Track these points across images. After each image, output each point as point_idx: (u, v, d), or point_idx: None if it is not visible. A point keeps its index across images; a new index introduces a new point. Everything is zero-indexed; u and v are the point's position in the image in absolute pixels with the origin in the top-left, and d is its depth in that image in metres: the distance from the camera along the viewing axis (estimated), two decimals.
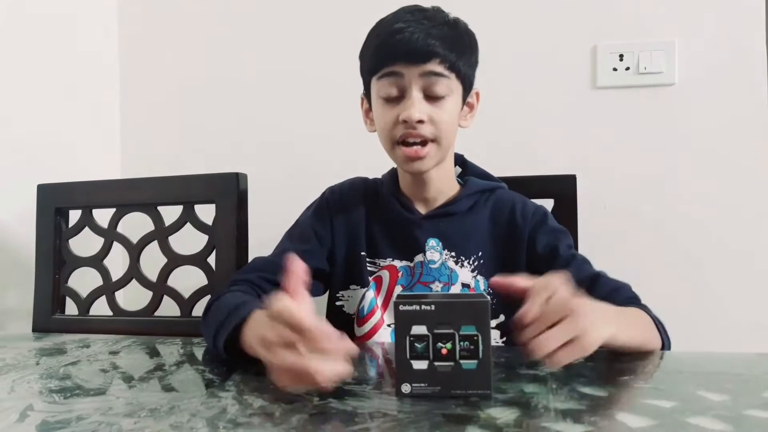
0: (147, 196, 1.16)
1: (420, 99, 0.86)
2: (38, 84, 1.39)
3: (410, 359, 0.57)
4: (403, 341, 0.57)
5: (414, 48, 0.84)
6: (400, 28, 0.85)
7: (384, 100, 0.89)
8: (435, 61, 0.85)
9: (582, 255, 0.94)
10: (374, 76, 0.90)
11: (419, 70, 0.85)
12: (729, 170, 1.35)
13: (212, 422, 0.53)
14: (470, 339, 0.57)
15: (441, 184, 0.97)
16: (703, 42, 1.35)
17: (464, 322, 0.57)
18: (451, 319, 0.57)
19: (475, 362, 0.57)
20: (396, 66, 0.86)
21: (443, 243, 0.95)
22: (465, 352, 0.57)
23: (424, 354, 0.57)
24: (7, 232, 1.31)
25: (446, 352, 0.57)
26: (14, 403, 0.61)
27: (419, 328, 0.57)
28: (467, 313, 0.57)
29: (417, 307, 0.57)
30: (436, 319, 0.57)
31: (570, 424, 0.50)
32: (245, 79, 1.59)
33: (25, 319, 1.20)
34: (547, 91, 1.43)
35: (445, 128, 0.88)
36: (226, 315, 0.73)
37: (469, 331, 0.57)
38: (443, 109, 0.88)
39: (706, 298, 1.35)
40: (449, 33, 0.87)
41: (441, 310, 0.57)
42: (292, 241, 0.98)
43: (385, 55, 0.87)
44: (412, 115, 0.85)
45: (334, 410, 0.55)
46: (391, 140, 0.90)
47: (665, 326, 0.81)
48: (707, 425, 0.49)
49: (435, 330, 0.57)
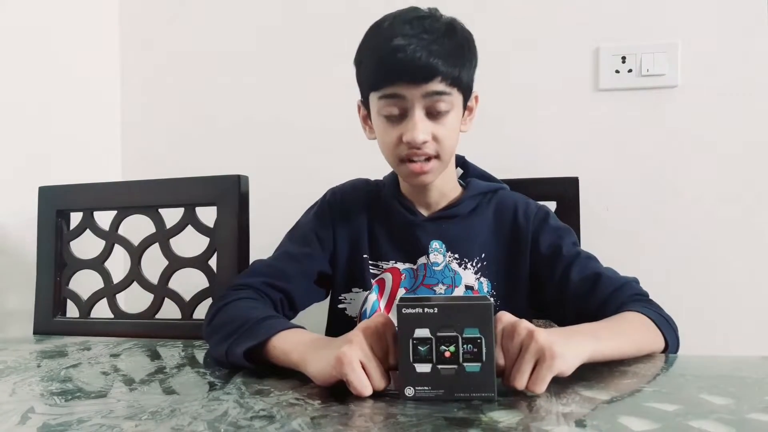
0: (148, 198, 1.16)
1: (422, 118, 0.85)
2: (39, 86, 1.39)
3: (413, 362, 0.57)
4: (406, 344, 0.57)
5: (416, 68, 0.82)
6: (400, 46, 0.82)
7: (385, 118, 0.88)
8: (437, 79, 0.83)
9: (587, 252, 0.93)
10: (374, 92, 0.88)
11: (421, 91, 0.83)
12: (732, 172, 1.34)
13: (213, 425, 0.52)
14: (473, 342, 0.56)
15: (443, 188, 0.97)
16: (705, 44, 1.35)
17: (467, 324, 0.56)
18: (454, 322, 0.57)
19: (479, 365, 0.56)
20: (397, 86, 0.84)
21: (446, 245, 0.95)
22: (468, 355, 0.56)
23: (428, 357, 0.57)
24: (8, 235, 1.31)
25: (449, 355, 0.56)
26: (15, 405, 0.61)
27: (422, 331, 0.57)
28: (470, 316, 0.57)
29: (420, 310, 0.57)
30: (439, 322, 0.57)
31: (573, 427, 0.50)
32: (247, 81, 1.59)
33: (26, 322, 1.20)
34: (550, 94, 1.43)
35: (448, 143, 0.88)
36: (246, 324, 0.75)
37: (472, 334, 0.56)
38: (445, 126, 0.87)
39: (708, 300, 1.34)
40: (449, 46, 0.84)
41: (444, 312, 0.57)
42: (294, 244, 0.97)
43: (386, 74, 0.85)
44: (416, 138, 0.84)
45: (335, 413, 0.55)
46: (395, 158, 0.89)
47: (673, 324, 0.80)
48: (710, 429, 0.49)
49: (438, 333, 0.57)
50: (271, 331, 0.72)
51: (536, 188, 1.12)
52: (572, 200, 1.13)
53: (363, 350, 0.60)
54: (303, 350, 0.68)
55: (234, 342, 0.74)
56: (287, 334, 0.72)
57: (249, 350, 0.72)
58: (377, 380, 0.60)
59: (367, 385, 0.59)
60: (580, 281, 0.88)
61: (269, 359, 0.72)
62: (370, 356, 0.60)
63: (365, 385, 0.59)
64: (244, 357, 0.72)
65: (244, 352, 0.72)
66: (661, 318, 0.79)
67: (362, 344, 0.61)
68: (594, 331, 0.71)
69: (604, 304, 0.84)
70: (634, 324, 0.77)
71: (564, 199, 1.13)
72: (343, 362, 0.59)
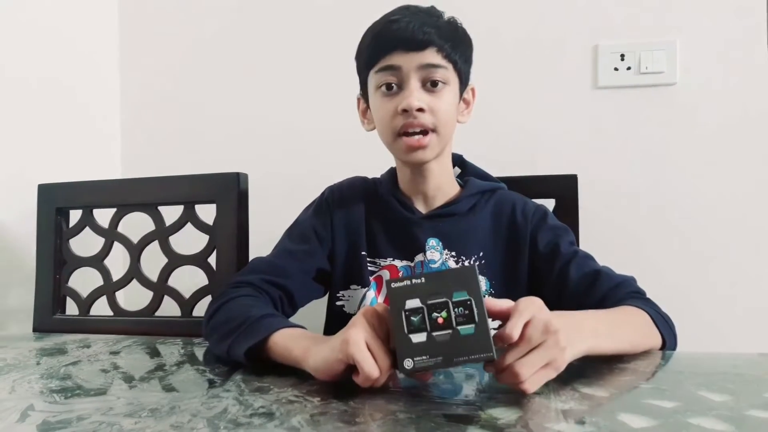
0: (147, 196, 1.16)
1: (418, 88, 0.87)
2: (39, 83, 1.39)
3: (408, 333, 0.57)
4: (399, 317, 0.58)
5: (410, 37, 0.86)
6: (395, 19, 0.87)
7: (383, 92, 0.90)
8: (432, 49, 0.87)
9: (584, 251, 0.94)
10: (372, 69, 0.91)
11: (417, 62, 0.86)
12: (730, 170, 1.34)
13: (213, 422, 0.53)
14: (464, 304, 0.57)
15: (440, 179, 0.97)
16: (704, 42, 1.35)
17: (455, 288, 0.58)
18: (442, 289, 0.58)
19: (472, 326, 0.57)
20: (393, 56, 0.87)
21: (443, 242, 0.95)
22: (461, 318, 0.57)
23: (421, 326, 0.57)
24: (7, 232, 1.31)
25: (442, 321, 0.57)
26: (15, 403, 0.61)
27: (413, 301, 0.58)
28: (457, 280, 0.58)
29: (408, 282, 0.59)
30: (427, 290, 0.58)
31: (571, 424, 0.50)
32: (246, 79, 1.59)
33: (26, 319, 1.20)
34: (549, 91, 1.43)
35: (444, 117, 0.89)
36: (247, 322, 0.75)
37: (461, 297, 0.58)
38: (441, 99, 0.89)
39: (708, 298, 1.35)
40: (445, 25, 0.89)
41: (431, 281, 0.59)
42: (292, 241, 0.98)
43: (382, 45, 0.88)
44: (411, 104, 0.86)
45: (335, 410, 0.55)
46: (391, 131, 0.90)
47: (670, 323, 0.80)
48: (709, 426, 0.49)
49: (428, 301, 0.58)
50: (271, 329, 0.72)
51: (535, 186, 1.12)
52: (571, 198, 1.13)
53: (367, 331, 0.61)
54: (305, 345, 0.68)
55: (235, 341, 0.74)
56: (287, 332, 0.72)
57: (250, 349, 0.72)
58: (382, 359, 0.60)
59: (373, 365, 0.59)
60: (579, 278, 0.88)
61: (270, 356, 0.72)
62: (374, 337, 0.61)
63: (371, 365, 0.59)
64: (245, 356, 0.72)
65: (245, 352, 0.72)
66: (659, 316, 0.80)
67: (365, 326, 0.61)
68: (594, 324, 0.70)
69: (603, 300, 0.84)
70: (634, 319, 0.78)
71: (563, 196, 1.13)
72: (349, 342, 0.60)
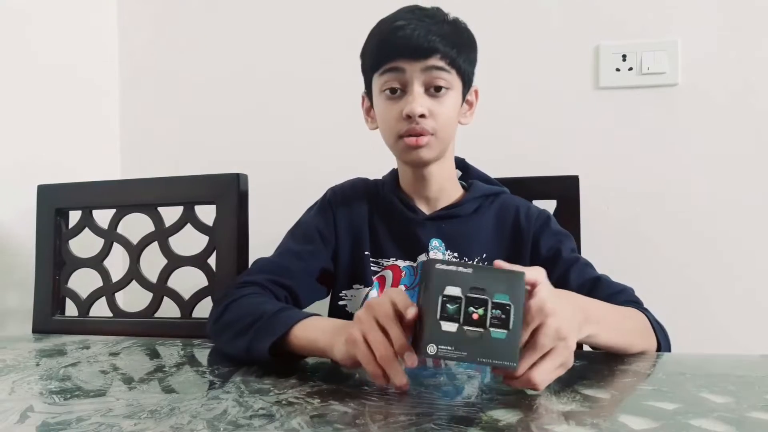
0: (147, 196, 1.16)
1: (421, 93, 0.88)
2: (38, 84, 1.39)
3: (440, 320, 0.56)
4: (435, 300, 0.56)
5: (415, 44, 0.86)
6: (401, 25, 0.87)
7: (386, 95, 0.90)
8: (436, 56, 0.87)
9: (585, 258, 0.95)
10: (376, 72, 0.91)
11: (421, 66, 0.87)
12: (732, 171, 1.34)
13: (212, 424, 0.52)
14: (502, 308, 0.56)
15: (442, 182, 0.97)
16: (706, 42, 1.35)
17: (499, 290, 0.56)
18: (486, 285, 0.56)
19: (505, 332, 0.55)
20: (398, 62, 0.88)
21: (446, 243, 0.95)
22: (495, 320, 0.55)
23: (455, 316, 0.56)
24: (7, 233, 1.31)
25: (477, 318, 0.55)
26: (14, 404, 0.60)
27: (454, 289, 0.56)
28: (503, 283, 0.56)
29: (454, 268, 0.57)
30: (471, 282, 0.56)
31: (572, 426, 0.50)
32: (246, 80, 1.59)
33: (25, 320, 1.20)
34: (550, 92, 1.42)
35: (444, 121, 0.90)
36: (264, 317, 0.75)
37: (502, 300, 0.56)
38: (444, 104, 0.89)
39: (708, 298, 1.34)
40: (449, 30, 0.89)
41: (478, 274, 0.56)
42: (296, 241, 0.97)
43: (387, 50, 0.89)
44: (414, 110, 0.86)
45: (335, 412, 0.55)
46: (394, 135, 0.91)
47: (666, 332, 0.82)
48: (710, 427, 0.49)
49: (469, 294, 0.56)
50: (290, 322, 0.72)
51: (536, 186, 1.12)
52: (572, 199, 1.13)
53: (369, 323, 0.60)
54: (330, 336, 0.68)
55: (254, 337, 0.73)
56: (308, 323, 0.72)
57: (273, 344, 0.71)
58: (397, 337, 0.59)
59: (376, 366, 0.59)
60: (578, 284, 0.89)
61: (292, 349, 0.72)
62: (376, 328, 0.60)
63: (369, 361, 0.59)
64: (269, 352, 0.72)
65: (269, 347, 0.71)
66: (656, 322, 0.82)
67: (368, 319, 0.61)
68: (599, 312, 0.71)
69: None
70: (634, 320, 0.79)
71: (564, 197, 1.13)
72: (350, 342, 0.61)
